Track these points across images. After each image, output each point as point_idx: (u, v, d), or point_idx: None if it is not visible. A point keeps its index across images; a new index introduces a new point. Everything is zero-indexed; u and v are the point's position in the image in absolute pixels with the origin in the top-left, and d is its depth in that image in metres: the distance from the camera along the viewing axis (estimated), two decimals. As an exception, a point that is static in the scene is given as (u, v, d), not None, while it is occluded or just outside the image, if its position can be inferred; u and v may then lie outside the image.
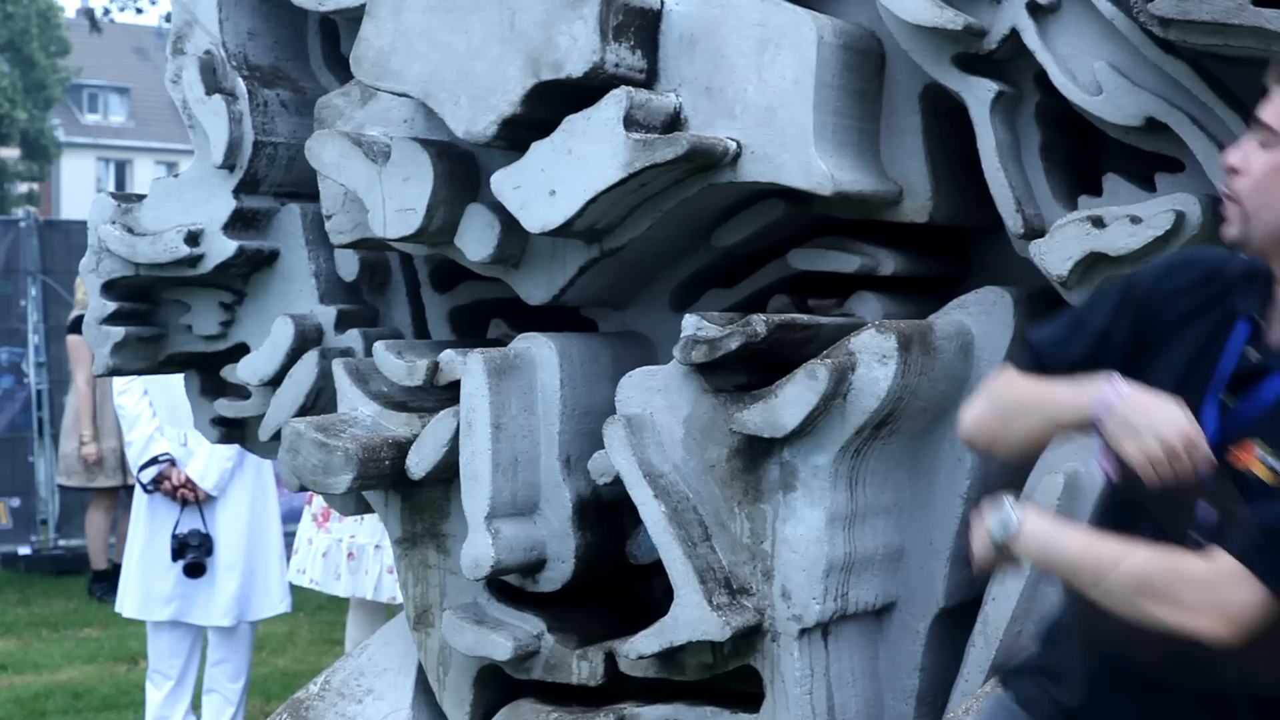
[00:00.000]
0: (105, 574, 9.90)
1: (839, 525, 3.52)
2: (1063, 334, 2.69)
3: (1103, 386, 2.49)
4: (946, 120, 3.72)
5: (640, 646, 3.59)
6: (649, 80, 3.65)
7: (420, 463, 3.84)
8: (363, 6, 3.81)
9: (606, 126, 3.54)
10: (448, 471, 3.83)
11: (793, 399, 3.44)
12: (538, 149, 3.63)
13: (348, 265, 4.31)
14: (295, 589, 6.66)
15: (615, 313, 4.10)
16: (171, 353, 4.50)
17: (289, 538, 6.79)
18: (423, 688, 4.11)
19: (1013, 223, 3.60)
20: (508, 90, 3.60)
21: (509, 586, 3.86)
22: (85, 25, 25.27)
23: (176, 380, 4.95)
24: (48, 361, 11.66)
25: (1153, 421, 2.42)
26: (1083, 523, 3.62)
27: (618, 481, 3.59)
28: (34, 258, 11.62)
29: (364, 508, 4.11)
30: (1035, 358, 2.70)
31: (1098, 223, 3.46)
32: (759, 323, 3.46)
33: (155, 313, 4.47)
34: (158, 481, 6.35)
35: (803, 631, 3.50)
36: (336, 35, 4.36)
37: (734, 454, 3.54)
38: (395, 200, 3.76)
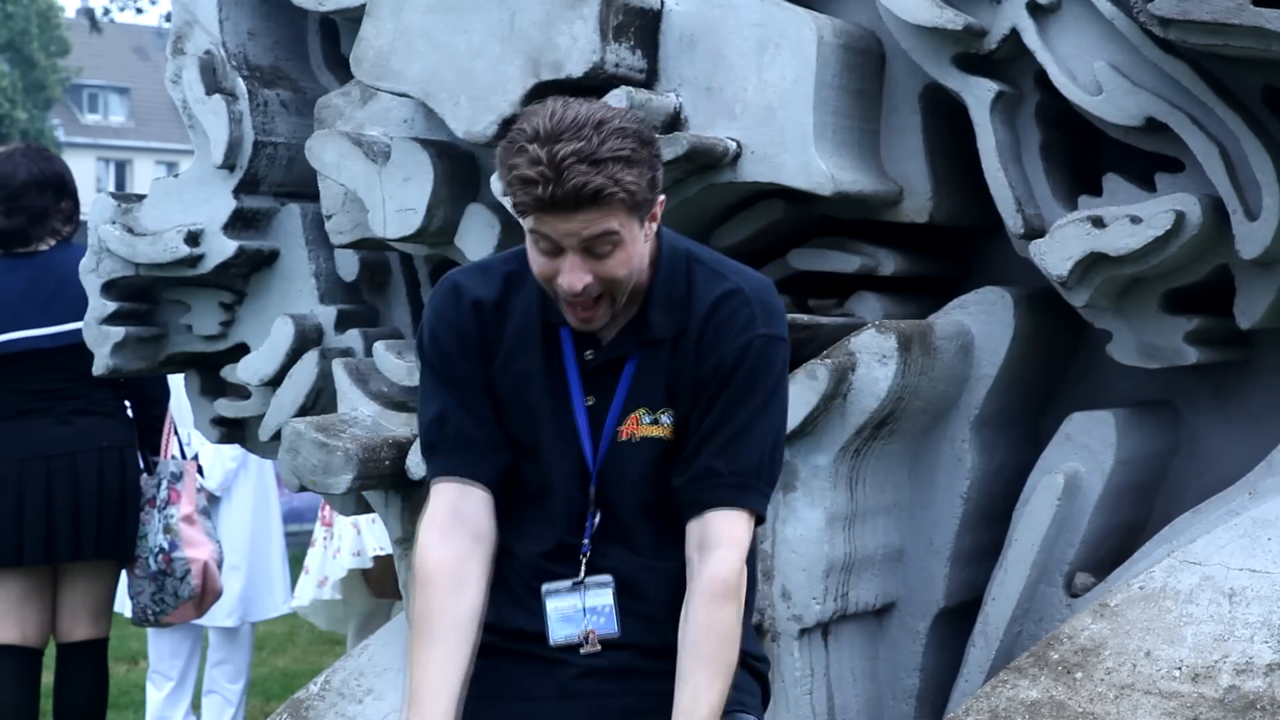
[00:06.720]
0: None
1: (839, 525, 3.52)
2: (467, 432, 2.69)
3: None
4: (946, 120, 3.72)
5: (640, 646, 3.58)
6: (649, 80, 3.65)
7: (421, 463, 3.84)
8: (363, 6, 3.81)
9: (606, 126, 3.53)
10: (448, 471, 3.81)
11: (792, 399, 3.43)
12: (538, 149, 3.62)
13: (348, 265, 4.31)
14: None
15: (615, 313, 4.09)
16: (171, 353, 4.50)
17: (289, 538, 6.76)
18: (423, 688, 4.10)
19: (1013, 223, 3.59)
20: (508, 90, 3.60)
21: (509, 586, 3.85)
22: (85, 25, 25.30)
23: (176, 380, 4.95)
24: (48, 361, 11.62)
25: None
26: (1081, 522, 3.64)
27: (618, 481, 3.59)
28: (34, 258, 11.59)
29: (364, 508, 4.11)
30: (460, 465, 2.70)
31: (1098, 223, 3.46)
32: (759, 323, 3.45)
33: (155, 313, 4.47)
34: (160, 482, 6.32)
35: (802, 631, 3.50)
36: (336, 35, 4.36)
37: (734, 454, 3.53)
38: (395, 200, 3.77)
